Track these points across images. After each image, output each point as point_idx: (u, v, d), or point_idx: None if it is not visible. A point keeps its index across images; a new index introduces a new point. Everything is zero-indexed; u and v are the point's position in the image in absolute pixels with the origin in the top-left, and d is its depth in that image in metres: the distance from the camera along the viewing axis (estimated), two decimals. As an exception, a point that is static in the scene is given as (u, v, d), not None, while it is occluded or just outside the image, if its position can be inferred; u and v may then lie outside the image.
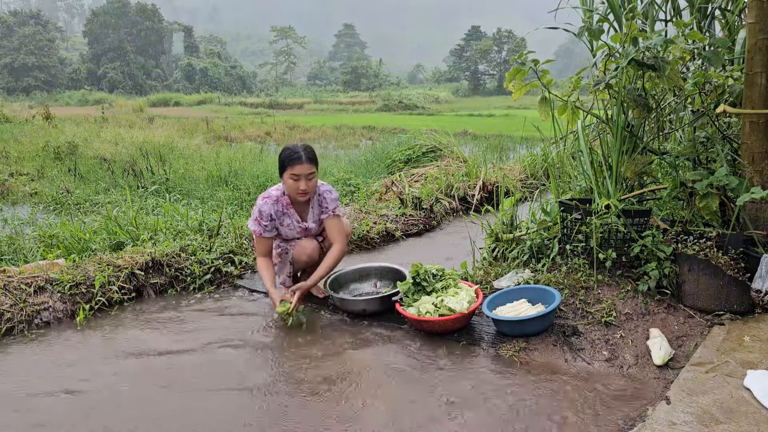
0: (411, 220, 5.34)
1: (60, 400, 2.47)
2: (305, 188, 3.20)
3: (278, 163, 3.26)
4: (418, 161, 8.56)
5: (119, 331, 3.16)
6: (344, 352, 2.86)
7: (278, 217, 3.34)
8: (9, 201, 6.99)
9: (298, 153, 3.16)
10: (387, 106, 36.75)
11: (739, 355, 2.49)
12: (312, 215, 3.44)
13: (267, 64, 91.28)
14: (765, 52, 2.98)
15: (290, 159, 3.16)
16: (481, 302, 3.02)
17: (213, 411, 2.36)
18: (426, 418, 2.26)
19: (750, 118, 3.07)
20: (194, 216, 4.76)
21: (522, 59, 3.27)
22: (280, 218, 3.36)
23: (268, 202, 3.29)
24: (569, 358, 2.68)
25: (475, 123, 20.94)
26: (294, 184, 3.19)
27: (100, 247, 4.16)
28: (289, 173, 3.18)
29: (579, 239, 3.21)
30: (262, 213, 3.27)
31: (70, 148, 10.28)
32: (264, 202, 3.29)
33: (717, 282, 2.89)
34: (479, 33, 75.54)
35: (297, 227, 3.41)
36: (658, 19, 4.26)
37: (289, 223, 3.38)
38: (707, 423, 2.02)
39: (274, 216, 3.31)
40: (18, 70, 58.09)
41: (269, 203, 3.30)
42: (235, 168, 7.98)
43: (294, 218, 3.39)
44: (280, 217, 3.35)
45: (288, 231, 3.41)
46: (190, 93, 53.44)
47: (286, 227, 3.39)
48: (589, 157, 3.45)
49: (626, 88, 3.19)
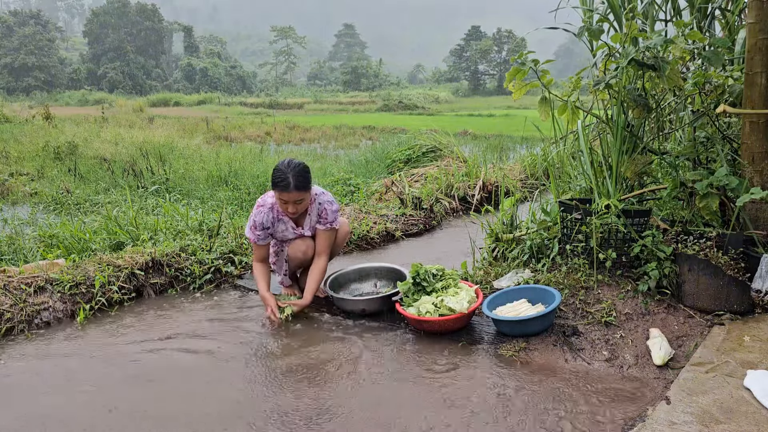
0: (411, 220, 5.34)
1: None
2: (293, 211, 3.14)
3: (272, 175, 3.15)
4: (418, 161, 8.56)
5: (118, 331, 3.17)
6: (344, 352, 2.85)
7: (273, 224, 3.29)
8: (9, 201, 6.99)
9: (286, 180, 3.01)
10: (387, 106, 36.76)
11: (739, 355, 2.49)
12: (308, 222, 3.37)
13: (267, 64, 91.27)
14: (765, 52, 2.98)
15: (278, 185, 3.04)
16: (481, 302, 3.02)
17: (209, 413, 2.36)
18: (426, 418, 2.26)
19: (750, 118, 3.07)
20: (194, 216, 4.76)
21: (522, 59, 3.27)
22: (275, 225, 3.31)
23: (262, 211, 3.23)
24: (569, 358, 2.68)
25: (475, 123, 20.95)
26: (282, 205, 3.14)
27: (100, 247, 4.16)
28: (277, 194, 3.10)
29: (579, 239, 3.21)
30: (255, 223, 3.23)
31: (70, 148, 10.28)
32: (258, 211, 3.23)
33: (717, 282, 2.89)
34: (479, 33, 75.55)
35: (292, 233, 3.38)
36: (658, 19, 4.26)
37: (284, 229, 3.35)
38: (707, 423, 2.02)
39: (267, 225, 3.25)
40: (18, 70, 58.08)
41: (263, 212, 3.23)
42: (235, 168, 7.98)
43: (289, 225, 3.34)
44: (274, 224, 3.31)
45: (283, 235, 3.39)
46: (190, 93, 53.43)
47: (281, 232, 3.36)
48: (589, 157, 3.46)
49: (626, 88, 3.19)
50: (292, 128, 19.14)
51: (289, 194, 3.05)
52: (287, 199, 3.08)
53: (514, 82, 3.32)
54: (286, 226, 3.34)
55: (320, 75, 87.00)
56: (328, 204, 3.31)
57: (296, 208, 3.13)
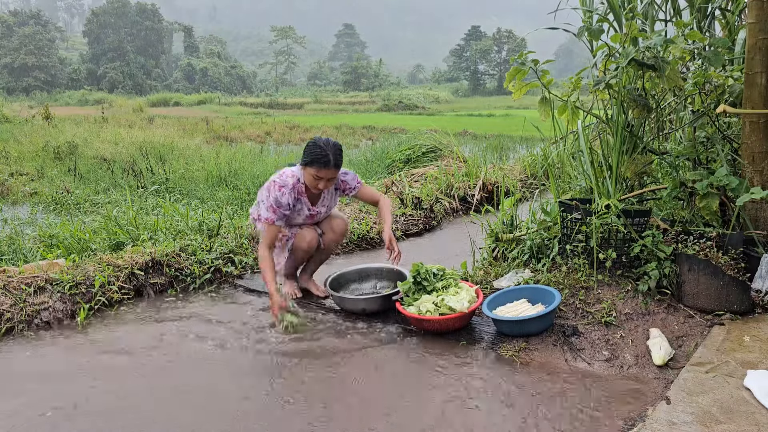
0: (411, 220, 5.34)
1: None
2: (323, 188, 3.22)
3: (304, 151, 3.18)
4: (418, 161, 8.56)
5: (118, 331, 3.17)
6: (343, 352, 2.85)
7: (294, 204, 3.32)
8: (9, 201, 6.99)
9: (327, 157, 3.11)
10: (387, 106, 36.78)
11: (739, 355, 2.49)
12: (323, 200, 3.44)
13: (267, 64, 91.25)
14: (765, 52, 2.98)
15: (317, 161, 3.11)
16: (481, 302, 3.02)
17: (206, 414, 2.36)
18: (425, 417, 2.26)
19: (750, 118, 3.07)
20: (194, 216, 4.75)
21: (522, 59, 3.27)
22: (293, 204, 3.32)
23: (286, 192, 3.23)
24: (569, 358, 2.68)
25: (475, 123, 20.95)
26: (314, 181, 3.19)
27: (100, 247, 4.16)
28: (313, 172, 3.15)
29: (579, 239, 3.21)
30: (280, 203, 3.21)
31: (70, 148, 10.28)
32: (282, 192, 3.22)
33: (717, 282, 2.89)
34: (479, 33, 75.58)
35: (306, 213, 3.40)
36: (658, 19, 4.26)
37: (300, 209, 3.36)
38: (707, 423, 2.02)
39: (292, 204, 3.27)
40: (18, 70, 58.07)
41: (287, 193, 3.24)
42: (235, 168, 7.98)
43: (306, 204, 3.37)
44: (293, 204, 3.32)
45: (296, 216, 3.39)
46: (190, 93, 53.41)
47: (296, 212, 3.37)
48: (589, 157, 3.45)
49: (626, 88, 3.19)
50: (292, 128, 19.14)
51: (327, 171, 3.14)
52: (324, 175, 3.15)
53: (514, 82, 3.32)
54: (302, 206, 3.37)
55: (320, 75, 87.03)
56: (343, 175, 3.41)
57: (326, 186, 3.21)
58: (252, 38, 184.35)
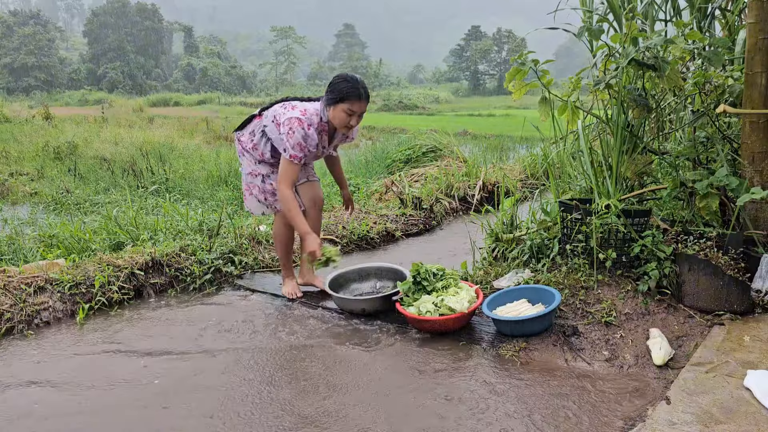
0: (411, 220, 5.34)
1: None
2: (355, 124, 3.13)
3: (330, 90, 3.07)
4: (418, 161, 8.55)
5: (117, 330, 3.17)
6: (343, 352, 2.86)
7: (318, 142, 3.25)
8: (9, 201, 7.00)
9: (359, 91, 3.01)
10: (387, 105, 36.74)
11: (739, 355, 2.49)
12: (336, 140, 3.38)
13: (267, 64, 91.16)
14: (765, 52, 2.98)
15: (351, 95, 3.00)
16: (481, 302, 3.02)
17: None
18: (425, 417, 2.26)
19: (750, 118, 3.07)
20: (194, 216, 4.75)
21: (522, 59, 3.26)
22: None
23: (313, 129, 3.14)
24: (569, 358, 2.68)
25: (475, 123, 20.94)
26: (346, 117, 3.07)
27: (100, 247, 4.16)
28: (346, 107, 3.03)
29: (579, 239, 3.21)
30: (309, 139, 3.10)
31: (70, 148, 10.28)
32: (309, 132, 3.11)
33: (717, 282, 2.89)
34: (479, 33, 75.52)
35: (321, 150, 3.34)
36: (658, 19, 4.25)
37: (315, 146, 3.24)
38: (707, 423, 2.02)
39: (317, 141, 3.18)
40: (18, 70, 58.04)
41: (313, 130, 3.14)
42: (235, 168, 7.97)
43: (322, 142, 3.29)
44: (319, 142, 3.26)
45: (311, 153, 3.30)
46: (190, 93, 53.38)
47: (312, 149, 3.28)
48: (589, 157, 3.45)
49: (626, 88, 3.19)
50: (292, 128, 19.07)
51: (361, 104, 3.05)
52: (358, 109, 3.06)
53: (514, 83, 3.32)
54: (319, 143, 3.27)
55: (320, 75, 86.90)
56: None
57: (358, 121, 3.13)
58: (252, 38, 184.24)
